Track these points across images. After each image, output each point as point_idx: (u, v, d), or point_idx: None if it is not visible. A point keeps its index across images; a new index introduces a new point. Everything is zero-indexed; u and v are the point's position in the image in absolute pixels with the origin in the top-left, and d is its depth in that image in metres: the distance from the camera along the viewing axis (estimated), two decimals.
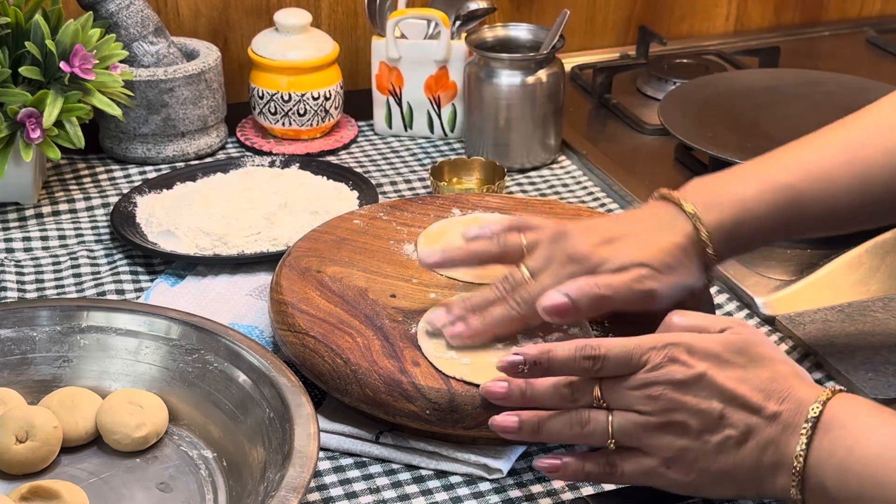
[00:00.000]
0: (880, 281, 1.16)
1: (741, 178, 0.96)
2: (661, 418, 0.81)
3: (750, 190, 0.94)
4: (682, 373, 0.81)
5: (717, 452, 0.81)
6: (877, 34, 1.78)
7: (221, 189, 1.26)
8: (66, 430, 0.94)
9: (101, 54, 1.26)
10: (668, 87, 1.54)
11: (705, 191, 0.95)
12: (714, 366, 0.81)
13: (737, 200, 0.94)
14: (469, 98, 1.39)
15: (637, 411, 0.82)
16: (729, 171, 0.97)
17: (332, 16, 1.56)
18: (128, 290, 1.16)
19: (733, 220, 0.93)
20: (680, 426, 0.81)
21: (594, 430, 0.83)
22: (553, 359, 0.83)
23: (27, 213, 1.29)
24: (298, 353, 0.98)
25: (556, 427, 0.85)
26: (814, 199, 0.94)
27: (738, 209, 0.93)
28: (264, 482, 0.87)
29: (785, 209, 0.94)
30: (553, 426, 0.85)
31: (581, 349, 0.82)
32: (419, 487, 0.93)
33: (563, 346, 0.83)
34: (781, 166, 0.95)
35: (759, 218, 0.94)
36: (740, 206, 0.93)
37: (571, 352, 0.83)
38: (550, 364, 0.84)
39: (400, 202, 1.18)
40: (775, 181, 0.94)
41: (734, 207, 0.93)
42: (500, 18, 1.60)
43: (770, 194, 0.94)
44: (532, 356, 0.84)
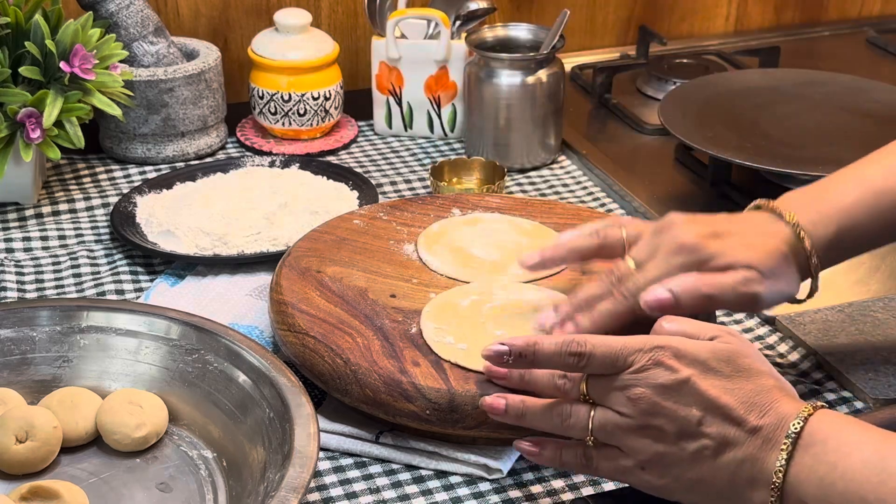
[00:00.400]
0: (880, 281, 1.16)
1: (839, 185, 0.95)
2: (640, 421, 0.80)
3: (849, 197, 0.94)
4: (665, 377, 0.80)
5: (693, 461, 0.80)
6: (877, 34, 1.78)
7: (221, 189, 1.26)
8: (66, 430, 0.94)
9: (101, 54, 1.26)
10: (668, 87, 1.54)
11: (803, 199, 0.95)
12: (699, 373, 0.80)
13: (838, 208, 0.93)
14: (469, 98, 1.39)
15: (618, 411, 0.81)
16: (824, 180, 0.97)
17: (332, 16, 1.56)
18: (128, 290, 1.16)
19: (836, 227, 0.93)
20: (658, 430, 0.80)
21: (574, 424, 0.83)
22: (538, 352, 0.84)
23: (27, 213, 1.29)
24: (298, 353, 0.98)
25: (538, 415, 0.85)
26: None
27: (841, 216, 0.93)
28: (264, 482, 0.87)
29: (886, 213, 0.94)
30: (536, 414, 0.85)
31: (567, 345, 0.82)
32: (419, 487, 0.93)
33: (550, 340, 0.83)
34: (878, 170, 0.95)
35: (862, 224, 0.94)
36: (843, 214, 0.93)
37: (557, 347, 0.83)
38: (535, 357, 0.84)
39: (400, 202, 1.18)
40: (874, 186, 0.94)
41: (837, 214, 0.93)
42: (500, 18, 1.60)
43: (871, 199, 0.94)
44: (518, 347, 0.84)
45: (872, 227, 0.94)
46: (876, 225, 0.94)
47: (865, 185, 0.94)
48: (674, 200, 1.30)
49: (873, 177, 0.95)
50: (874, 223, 0.94)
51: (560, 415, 0.84)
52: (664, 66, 1.59)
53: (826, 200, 0.94)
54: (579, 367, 0.82)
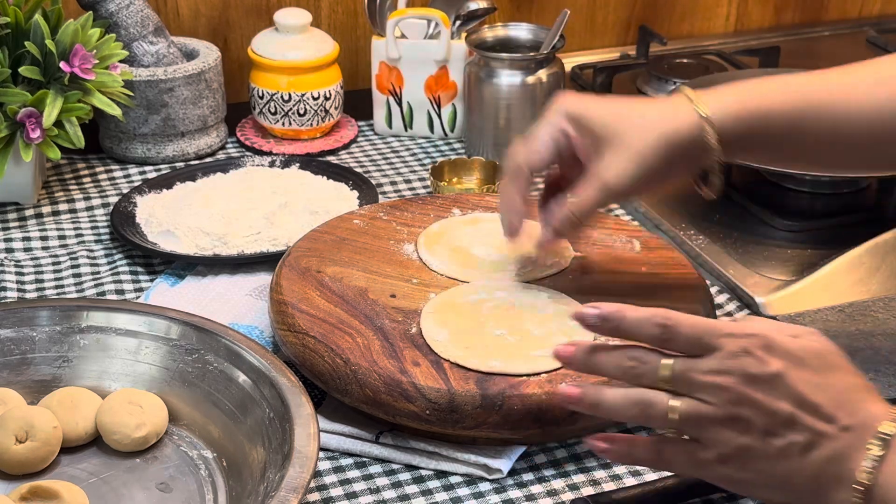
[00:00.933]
0: (880, 281, 1.16)
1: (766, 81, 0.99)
2: (727, 411, 0.77)
3: (762, 84, 0.98)
4: (756, 367, 0.77)
5: (779, 456, 0.77)
6: (877, 34, 1.77)
7: (221, 189, 1.26)
8: (66, 430, 0.94)
9: (101, 54, 1.26)
10: (668, 87, 1.54)
11: (724, 87, 0.98)
12: (791, 366, 0.77)
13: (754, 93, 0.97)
14: (469, 98, 1.39)
15: (703, 400, 0.77)
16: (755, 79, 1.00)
17: (332, 16, 1.56)
18: (128, 290, 1.16)
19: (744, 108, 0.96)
20: (745, 422, 0.77)
21: (655, 413, 0.79)
22: (624, 317, 0.79)
23: (27, 213, 1.29)
24: (298, 353, 0.98)
25: (616, 404, 0.80)
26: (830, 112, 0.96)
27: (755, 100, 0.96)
28: (264, 482, 0.87)
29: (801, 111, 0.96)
30: (614, 402, 0.80)
31: (654, 315, 0.79)
32: (419, 487, 0.93)
33: (636, 309, 0.80)
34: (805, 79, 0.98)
35: (775, 113, 0.96)
36: (758, 98, 0.96)
37: (644, 314, 0.79)
38: (620, 323, 0.79)
39: (400, 202, 1.18)
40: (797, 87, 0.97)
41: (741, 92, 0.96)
42: (500, 18, 1.60)
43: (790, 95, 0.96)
44: (605, 312, 0.80)
45: (785, 120, 0.96)
46: (789, 118, 0.96)
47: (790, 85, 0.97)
48: (674, 200, 1.30)
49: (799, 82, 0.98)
50: (786, 116, 0.96)
51: (639, 403, 0.79)
52: (664, 66, 1.59)
53: (745, 87, 0.97)
54: (663, 339, 0.78)
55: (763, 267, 1.18)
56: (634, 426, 0.98)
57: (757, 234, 1.24)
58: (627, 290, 1.04)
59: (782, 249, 1.22)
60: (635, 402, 0.79)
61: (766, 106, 0.96)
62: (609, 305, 0.80)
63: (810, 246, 1.22)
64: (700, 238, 1.22)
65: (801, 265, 1.19)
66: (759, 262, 1.19)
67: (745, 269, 1.17)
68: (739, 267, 1.18)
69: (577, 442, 0.97)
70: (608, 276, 1.05)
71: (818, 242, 1.23)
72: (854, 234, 1.20)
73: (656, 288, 1.04)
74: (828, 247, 1.20)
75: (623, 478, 0.93)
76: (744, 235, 1.24)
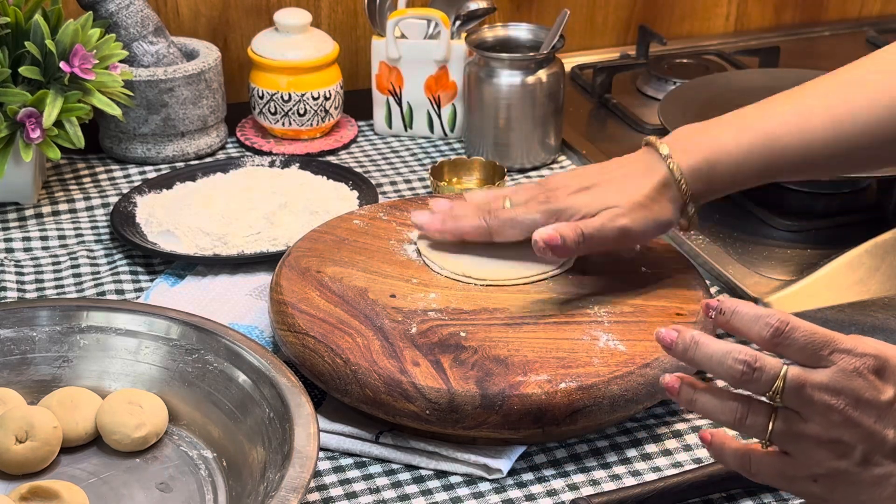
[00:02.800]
0: (880, 281, 1.16)
1: (721, 123, 1.03)
2: (829, 433, 0.75)
3: (727, 134, 1.01)
4: (868, 392, 0.74)
5: (873, 485, 0.76)
6: (877, 34, 1.77)
7: (221, 189, 1.26)
8: (66, 430, 0.94)
9: (101, 54, 1.26)
10: (668, 87, 1.54)
11: (684, 135, 1.03)
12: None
13: (712, 142, 1.01)
14: (469, 98, 1.39)
15: (805, 417, 0.75)
16: (712, 121, 1.04)
17: (332, 16, 1.56)
18: (128, 290, 1.16)
19: (706, 159, 1.00)
20: (845, 446, 0.75)
21: (752, 423, 0.77)
22: (738, 311, 0.77)
23: (27, 213, 1.29)
24: (298, 353, 0.98)
25: (711, 405, 0.78)
26: (789, 146, 1.00)
27: (713, 150, 1.00)
28: (264, 482, 0.87)
29: (761, 153, 1.00)
30: (709, 403, 0.78)
31: (769, 315, 0.76)
32: (419, 487, 0.93)
33: (752, 306, 0.78)
34: (760, 115, 1.02)
35: (735, 159, 1.00)
36: (715, 147, 1.00)
37: (760, 312, 0.77)
38: (734, 315, 0.78)
39: (400, 202, 1.18)
40: (753, 127, 1.01)
41: (709, 148, 1.01)
42: (500, 18, 1.60)
43: (745, 139, 1.00)
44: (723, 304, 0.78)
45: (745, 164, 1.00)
46: (749, 162, 1.00)
47: (745, 125, 1.01)
48: None
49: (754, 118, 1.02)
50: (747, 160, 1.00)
51: (736, 410, 0.77)
52: (664, 66, 1.59)
53: (705, 135, 1.02)
54: (774, 341, 0.75)
55: (763, 267, 1.18)
56: (636, 418, 0.99)
57: (757, 234, 1.24)
58: (628, 290, 1.04)
59: (782, 249, 1.22)
60: (733, 409, 0.77)
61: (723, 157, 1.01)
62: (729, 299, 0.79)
63: (810, 246, 1.22)
64: (700, 238, 1.22)
65: (801, 265, 1.19)
66: (759, 262, 1.19)
67: (745, 269, 1.17)
68: (739, 267, 1.18)
69: (577, 442, 0.97)
70: (608, 276, 1.05)
71: (818, 242, 1.23)
72: (854, 234, 1.20)
73: (656, 288, 1.04)
74: (828, 247, 1.20)
75: (623, 478, 0.94)
76: (744, 235, 1.24)
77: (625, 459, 0.96)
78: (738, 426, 0.77)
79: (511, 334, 0.98)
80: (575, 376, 0.93)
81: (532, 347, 0.96)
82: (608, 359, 0.95)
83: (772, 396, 0.76)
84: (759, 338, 0.76)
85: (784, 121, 1.00)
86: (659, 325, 0.95)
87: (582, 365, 0.94)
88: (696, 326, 0.99)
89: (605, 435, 0.98)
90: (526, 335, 0.97)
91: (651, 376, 0.94)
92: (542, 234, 0.99)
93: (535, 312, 1.00)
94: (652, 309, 1.01)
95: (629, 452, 0.96)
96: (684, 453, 0.96)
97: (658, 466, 0.95)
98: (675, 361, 0.96)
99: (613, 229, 1.00)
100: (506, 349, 0.96)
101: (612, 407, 0.93)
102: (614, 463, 0.95)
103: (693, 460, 0.95)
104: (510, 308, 1.01)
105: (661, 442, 0.97)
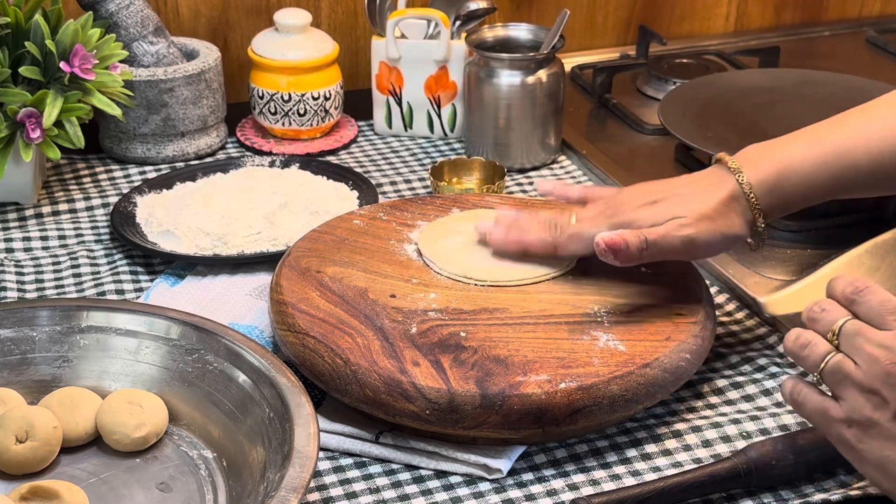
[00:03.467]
0: (880, 281, 1.16)
1: (792, 139, 1.02)
2: (871, 382, 0.81)
3: (797, 148, 1.01)
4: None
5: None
6: (877, 34, 1.77)
7: (221, 189, 1.26)
8: (66, 430, 0.94)
9: (101, 54, 1.26)
10: (668, 87, 1.54)
11: (755, 150, 1.02)
12: None
13: (782, 156, 1.00)
14: (469, 98, 1.39)
15: (856, 362, 0.82)
16: (784, 136, 1.03)
17: (332, 16, 1.56)
18: (128, 290, 1.16)
19: (776, 172, 1.00)
20: (881, 399, 0.81)
21: (809, 354, 0.85)
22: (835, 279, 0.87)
23: (27, 213, 1.29)
24: (298, 353, 0.98)
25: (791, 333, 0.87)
26: (859, 160, 0.99)
27: (783, 163, 1.00)
28: (264, 482, 0.87)
29: (831, 167, 1.00)
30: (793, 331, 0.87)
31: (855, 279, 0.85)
32: (419, 487, 0.93)
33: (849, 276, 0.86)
34: (831, 129, 1.01)
35: (805, 173, 1.00)
36: (785, 161, 1.00)
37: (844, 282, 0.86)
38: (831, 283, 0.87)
39: (400, 202, 1.18)
40: (823, 141, 1.00)
41: (779, 162, 1.00)
42: (500, 18, 1.60)
43: (815, 153, 1.00)
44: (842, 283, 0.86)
45: (816, 178, 1.00)
46: (820, 176, 1.00)
47: (817, 139, 1.01)
48: None
49: (826, 132, 1.01)
50: (818, 174, 1.00)
51: (798, 340, 0.86)
52: (664, 66, 1.59)
53: (775, 149, 1.01)
54: (850, 298, 0.84)
55: (763, 267, 1.18)
56: (636, 418, 0.99)
57: None
58: (628, 290, 1.04)
59: (782, 249, 1.22)
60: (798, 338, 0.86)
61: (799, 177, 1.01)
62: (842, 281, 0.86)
63: (810, 246, 1.22)
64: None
65: (801, 265, 1.19)
66: (759, 262, 1.19)
67: (745, 269, 1.17)
68: (739, 267, 1.17)
69: (577, 442, 0.97)
70: (608, 277, 1.05)
71: (818, 242, 1.23)
72: (854, 234, 1.20)
73: (656, 288, 1.04)
74: (828, 247, 1.20)
75: (623, 478, 0.94)
76: None
77: (625, 459, 0.96)
78: (797, 351, 0.86)
79: (511, 334, 0.98)
80: (575, 376, 0.93)
81: (532, 347, 0.96)
82: (608, 359, 0.95)
83: (831, 337, 0.84)
84: (840, 291, 0.85)
85: (854, 135, 1.00)
86: (659, 325, 0.97)
87: (582, 365, 0.94)
88: (696, 326, 0.99)
89: (605, 435, 0.98)
90: (526, 335, 0.98)
91: (651, 376, 0.94)
92: (605, 237, 0.99)
93: (535, 312, 1.00)
94: (652, 309, 1.01)
95: (629, 452, 0.96)
96: (684, 453, 0.96)
97: (658, 466, 0.95)
98: (673, 359, 0.96)
99: (678, 238, 0.99)
100: (506, 349, 0.96)
101: (612, 407, 0.93)
102: (614, 463, 0.95)
103: (693, 460, 0.95)
104: (510, 308, 1.01)
105: (661, 442, 0.97)
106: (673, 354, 0.96)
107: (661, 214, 1.00)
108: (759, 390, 1.03)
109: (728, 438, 0.97)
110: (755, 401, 1.02)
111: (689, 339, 0.98)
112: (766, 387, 1.03)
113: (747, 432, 0.98)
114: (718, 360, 1.07)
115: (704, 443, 0.97)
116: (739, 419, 0.99)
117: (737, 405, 1.02)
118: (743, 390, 1.03)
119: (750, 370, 1.06)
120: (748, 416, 1.00)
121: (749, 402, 1.02)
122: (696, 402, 1.02)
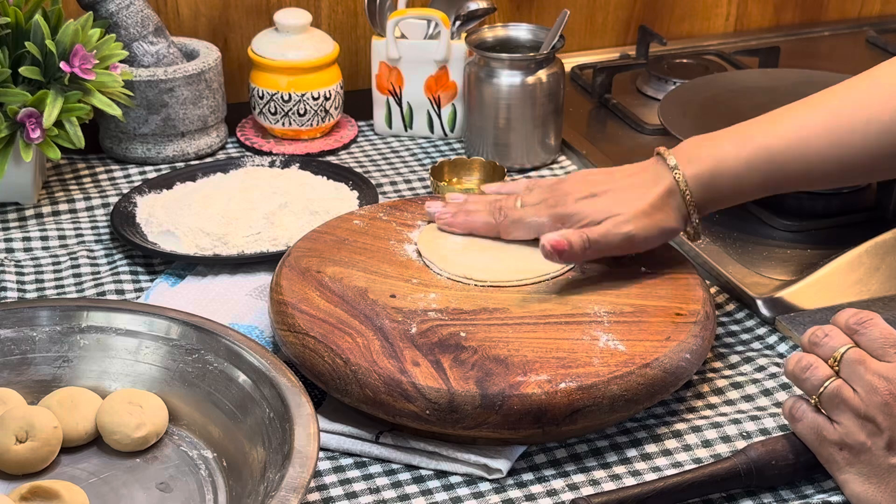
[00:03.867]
0: (880, 281, 1.16)
1: (725, 137, 1.05)
2: (868, 410, 0.85)
3: (730, 148, 1.03)
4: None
5: (887, 472, 0.85)
6: (877, 34, 1.77)
7: (221, 189, 1.26)
8: (66, 430, 0.94)
9: (101, 54, 1.26)
10: (668, 87, 1.54)
11: (692, 145, 1.05)
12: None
13: (716, 153, 1.03)
14: (469, 98, 1.39)
15: (854, 388, 0.86)
16: (718, 132, 1.06)
17: (332, 16, 1.56)
18: (128, 290, 1.16)
19: (709, 172, 1.03)
20: (876, 427, 0.85)
21: (810, 377, 0.89)
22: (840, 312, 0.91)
23: (27, 213, 1.29)
24: (298, 354, 0.98)
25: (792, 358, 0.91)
26: (789, 161, 1.03)
27: (716, 161, 1.03)
28: (264, 482, 0.87)
29: (760, 166, 1.03)
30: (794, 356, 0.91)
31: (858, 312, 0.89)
32: (419, 487, 0.93)
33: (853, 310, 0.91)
34: (761, 128, 1.04)
35: (735, 172, 1.03)
36: (718, 158, 1.03)
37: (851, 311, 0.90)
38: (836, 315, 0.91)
39: (400, 202, 1.18)
40: (754, 142, 1.03)
41: (713, 159, 1.03)
42: (500, 18, 1.60)
43: (746, 152, 1.03)
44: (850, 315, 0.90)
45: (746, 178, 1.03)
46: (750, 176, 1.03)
47: (748, 140, 1.03)
48: None
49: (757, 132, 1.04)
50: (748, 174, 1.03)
51: (800, 363, 0.89)
52: (664, 66, 1.59)
53: (710, 147, 1.04)
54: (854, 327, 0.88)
55: (763, 267, 1.18)
56: (636, 418, 0.99)
57: (757, 233, 1.24)
58: (628, 290, 1.04)
59: (782, 249, 1.22)
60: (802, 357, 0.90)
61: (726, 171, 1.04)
62: None
63: (810, 246, 1.22)
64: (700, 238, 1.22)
65: (801, 265, 1.19)
66: (759, 262, 1.19)
67: (745, 269, 1.17)
68: (739, 267, 1.18)
69: (577, 442, 0.97)
70: (608, 277, 1.05)
71: (818, 242, 1.23)
72: (854, 234, 1.20)
73: (656, 288, 1.04)
74: (828, 247, 1.20)
75: (623, 478, 0.94)
76: (743, 235, 1.24)
77: (625, 459, 0.96)
78: (798, 374, 0.90)
79: (511, 334, 0.98)
80: (575, 376, 0.93)
81: (532, 347, 0.96)
82: (608, 359, 0.95)
83: (832, 363, 0.88)
84: (844, 321, 0.90)
85: (784, 136, 1.03)
86: (659, 325, 0.97)
87: (582, 365, 0.94)
88: (696, 326, 0.99)
89: (605, 435, 0.98)
90: (526, 335, 0.98)
91: (651, 376, 0.94)
92: (549, 238, 1.02)
93: (535, 312, 1.00)
94: (652, 309, 1.01)
95: (629, 452, 0.96)
96: (684, 453, 0.96)
97: (658, 466, 0.95)
98: (674, 359, 0.96)
99: (618, 235, 1.03)
100: (506, 349, 0.96)
101: (611, 407, 0.93)
102: (614, 463, 0.95)
103: (693, 460, 0.95)
104: (510, 308, 1.01)
105: (661, 442, 0.97)
106: (673, 354, 0.96)
107: (600, 210, 1.03)
108: (759, 390, 1.03)
109: (728, 438, 0.97)
110: (755, 401, 1.02)
111: (689, 339, 0.98)
112: (766, 387, 1.03)
113: (747, 432, 0.98)
114: (718, 360, 1.07)
115: (704, 443, 0.97)
116: (739, 419, 0.99)
117: (737, 405, 1.02)
118: (743, 390, 1.03)
119: (750, 370, 1.06)
120: (748, 416, 1.00)
121: (749, 402, 1.02)
122: (696, 402, 1.02)
